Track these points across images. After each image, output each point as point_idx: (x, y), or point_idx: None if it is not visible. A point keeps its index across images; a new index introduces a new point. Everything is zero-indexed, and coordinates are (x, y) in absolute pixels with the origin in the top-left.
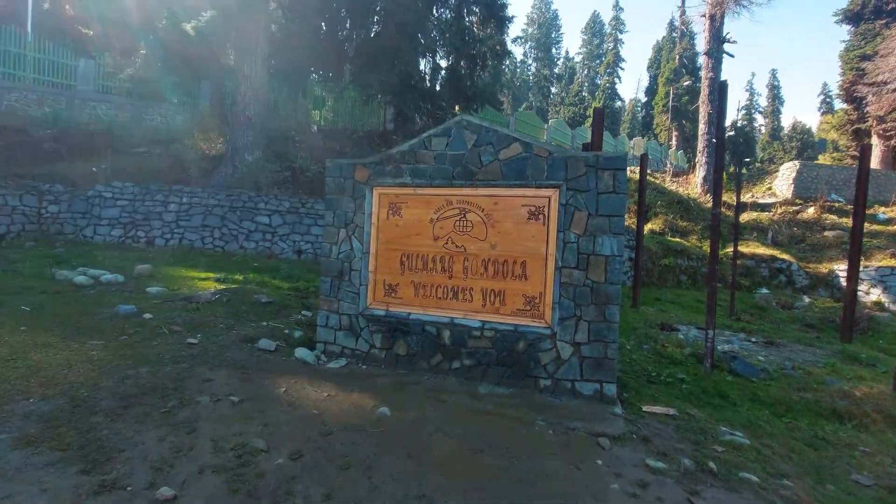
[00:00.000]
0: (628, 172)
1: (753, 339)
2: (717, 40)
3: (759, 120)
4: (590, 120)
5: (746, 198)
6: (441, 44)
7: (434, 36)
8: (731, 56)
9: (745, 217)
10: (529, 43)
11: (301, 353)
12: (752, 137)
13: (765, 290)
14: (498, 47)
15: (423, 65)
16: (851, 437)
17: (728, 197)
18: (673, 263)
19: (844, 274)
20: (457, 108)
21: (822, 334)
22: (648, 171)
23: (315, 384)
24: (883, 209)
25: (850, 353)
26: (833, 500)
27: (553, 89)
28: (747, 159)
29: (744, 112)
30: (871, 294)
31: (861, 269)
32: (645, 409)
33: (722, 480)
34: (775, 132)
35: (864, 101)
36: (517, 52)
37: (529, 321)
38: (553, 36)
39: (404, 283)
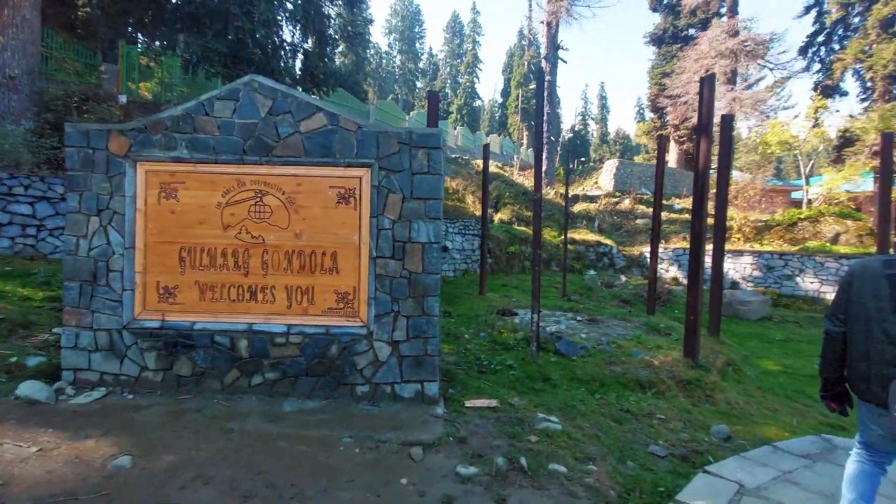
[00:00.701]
0: (479, 164)
1: (579, 318)
2: (554, 47)
3: (592, 125)
4: (453, 116)
5: (578, 191)
6: (284, 14)
7: (274, 3)
8: (565, 62)
9: (577, 208)
10: (394, 34)
11: (28, 388)
12: (586, 140)
13: (592, 272)
14: (350, 28)
15: (264, 37)
16: (651, 405)
17: (563, 189)
18: (518, 251)
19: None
20: (302, 90)
21: (633, 308)
22: (500, 165)
23: (28, 433)
24: (678, 201)
25: (652, 325)
26: (631, 479)
27: (419, 84)
28: (583, 158)
29: (580, 118)
30: (669, 271)
31: (661, 250)
32: (468, 404)
33: (531, 477)
34: (604, 136)
35: (664, 111)
36: (382, 42)
37: (343, 321)
38: (417, 30)
39: (186, 284)
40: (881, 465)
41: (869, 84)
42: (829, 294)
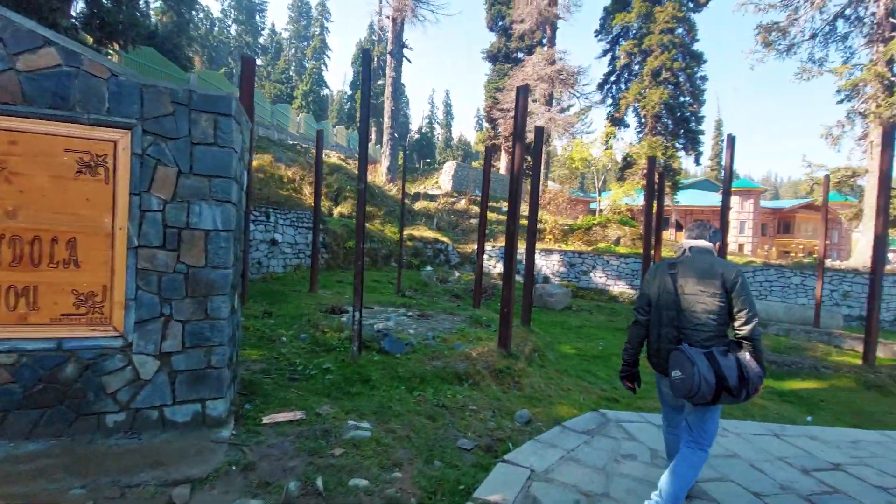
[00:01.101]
0: (323, 156)
1: (410, 314)
2: (399, 44)
3: (438, 130)
4: (297, 101)
5: (420, 189)
6: None
7: None
8: (409, 61)
9: (419, 205)
10: (228, 0)
11: None
12: (433, 143)
13: (429, 268)
14: None
15: None
16: (466, 397)
17: (406, 187)
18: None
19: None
20: (92, 40)
21: (463, 302)
22: (343, 157)
23: None
24: (506, 204)
25: (476, 318)
26: (436, 480)
27: (259, 61)
28: (428, 160)
29: (427, 121)
30: (496, 267)
31: (489, 248)
32: (266, 420)
33: (326, 499)
34: (448, 141)
35: (497, 123)
36: (214, 7)
37: (86, 331)
38: (257, 1)
39: None
40: (675, 427)
41: (643, 120)
42: (613, 286)
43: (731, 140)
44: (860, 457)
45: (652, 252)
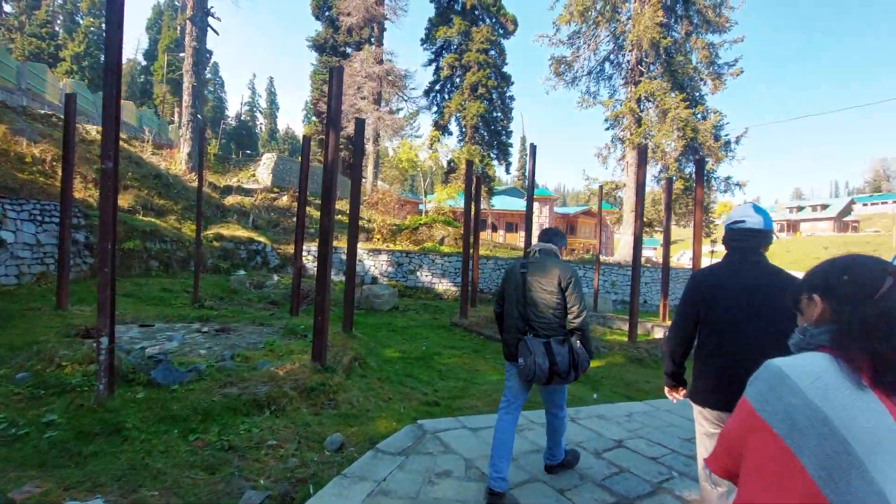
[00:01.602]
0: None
1: (206, 329)
2: (203, 9)
3: (262, 120)
4: (65, 64)
5: (234, 182)
6: None
7: None
8: (217, 33)
9: (232, 200)
10: None
11: None
12: (254, 133)
13: (242, 272)
14: None
15: None
16: (266, 430)
17: (216, 179)
18: (141, 247)
19: (306, 254)
20: None
21: (280, 310)
22: (126, 138)
23: None
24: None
25: (292, 327)
26: None
27: (7, 6)
28: (249, 151)
29: (247, 108)
30: None
31: (314, 248)
32: None
33: None
34: (273, 133)
35: (325, 117)
36: None
37: None
38: None
39: None
40: (514, 413)
41: (464, 129)
42: (438, 284)
43: (533, 149)
44: (634, 429)
45: (471, 251)
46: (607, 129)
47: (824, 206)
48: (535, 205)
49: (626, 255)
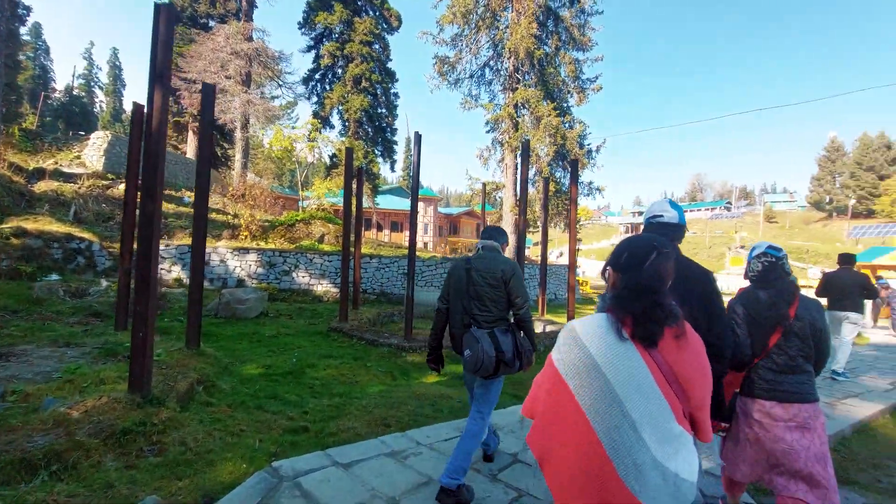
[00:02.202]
0: None
1: None
2: None
3: (102, 96)
4: None
5: (50, 165)
6: None
7: None
8: None
9: (43, 186)
10: None
11: None
12: (91, 111)
13: (54, 277)
14: None
15: None
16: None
17: (22, 160)
18: None
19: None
20: None
21: (104, 322)
22: None
23: None
24: (189, 194)
25: (112, 346)
26: None
27: None
28: (83, 132)
29: (83, 82)
30: (172, 272)
31: (163, 247)
32: None
33: None
34: (118, 113)
35: (181, 97)
36: None
37: None
38: None
39: None
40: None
41: (347, 123)
42: (317, 285)
43: (418, 138)
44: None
45: (352, 249)
46: (488, 131)
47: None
48: (420, 205)
49: (508, 253)
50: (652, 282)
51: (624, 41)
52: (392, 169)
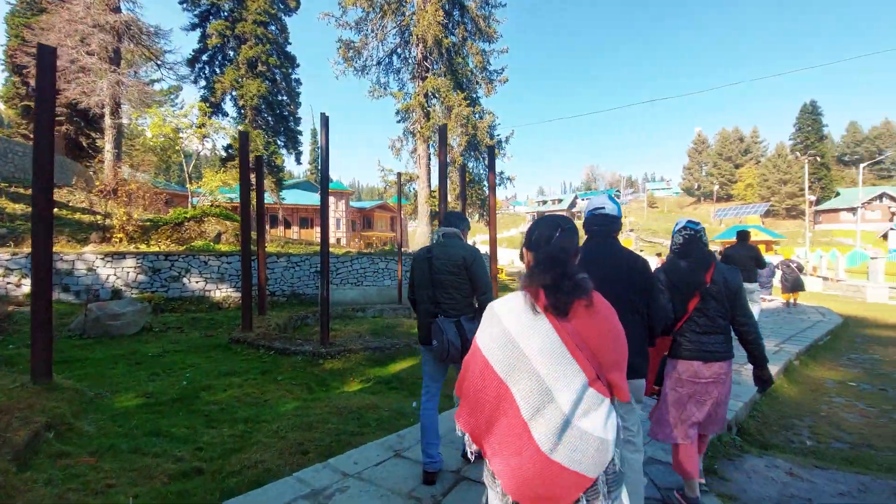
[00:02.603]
0: None
1: None
2: None
3: None
4: None
5: None
6: None
7: None
8: None
9: None
10: None
11: None
12: None
13: None
14: None
15: None
16: None
17: None
18: None
19: None
20: None
21: None
22: None
23: None
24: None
25: None
26: None
27: None
28: None
29: None
30: (22, 286)
31: (7, 256)
32: None
33: None
34: None
35: (29, 75)
36: None
37: None
38: None
39: None
40: (435, 398)
41: (243, 111)
42: (216, 291)
43: (325, 120)
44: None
45: (255, 247)
46: (399, 121)
47: (559, 201)
48: (331, 199)
49: (425, 244)
50: (558, 254)
51: (528, 35)
52: (298, 161)
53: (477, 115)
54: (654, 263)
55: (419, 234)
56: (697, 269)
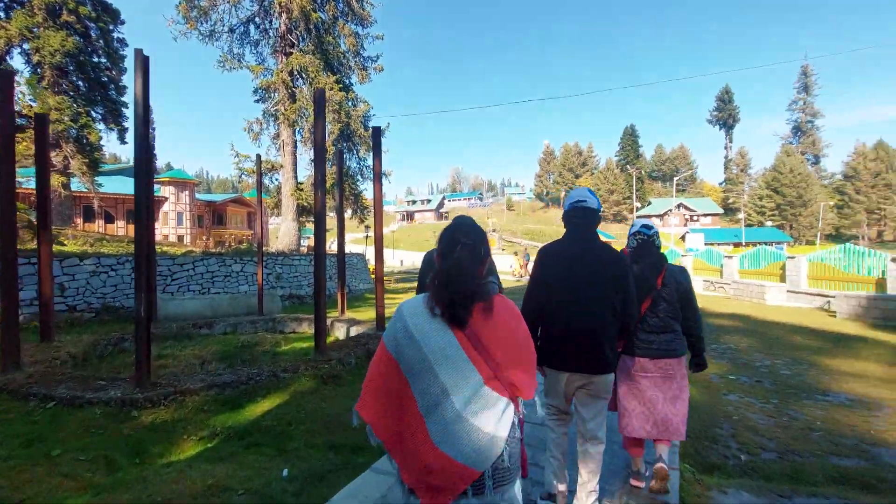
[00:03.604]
0: None
1: None
2: None
3: None
4: None
5: None
6: None
7: None
8: None
9: None
10: None
11: None
12: None
13: None
14: None
15: None
16: None
17: None
18: None
19: None
20: None
21: None
22: None
23: None
24: None
25: None
26: None
27: None
28: None
29: None
30: None
31: None
32: None
33: None
34: None
35: None
36: None
37: None
38: None
39: None
40: None
41: (40, 69)
42: None
43: (143, 60)
44: None
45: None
46: (258, 101)
47: (428, 201)
48: (171, 189)
49: (290, 243)
50: (456, 272)
51: (405, 30)
52: (122, 140)
53: (350, 103)
54: (515, 262)
55: (283, 231)
56: (649, 274)
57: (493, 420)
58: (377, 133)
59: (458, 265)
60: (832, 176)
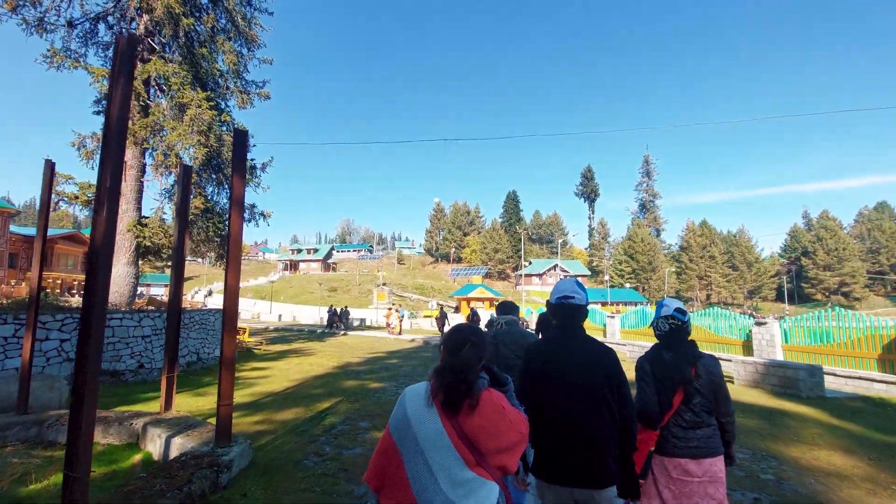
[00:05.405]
0: None
1: None
2: None
3: None
4: None
5: None
6: None
7: None
8: None
9: None
10: None
11: None
12: None
13: None
14: None
15: None
16: None
17: None
18: None
19: None
20: None
21: None
22: None
23: None
24: None
25: None
26: None
27: None
28: None
29: None
30: None
31: None
32: None
33: None
34: None
35: None
36: None
37: None
38: None
39: None
40: None
41: None
42: None
43: None
44: None
45: None
46: (98, 112)
47: (315, 251)
48: None
49: (121, 294)
50: (462, 366)
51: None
52: None
53: (225, 127)
54: (402, 317)
55: (117, 276)
56: (682, 363)
57: (480, 502)
58: (241, 137)
59: (467, 360)
60: (670, 247)
